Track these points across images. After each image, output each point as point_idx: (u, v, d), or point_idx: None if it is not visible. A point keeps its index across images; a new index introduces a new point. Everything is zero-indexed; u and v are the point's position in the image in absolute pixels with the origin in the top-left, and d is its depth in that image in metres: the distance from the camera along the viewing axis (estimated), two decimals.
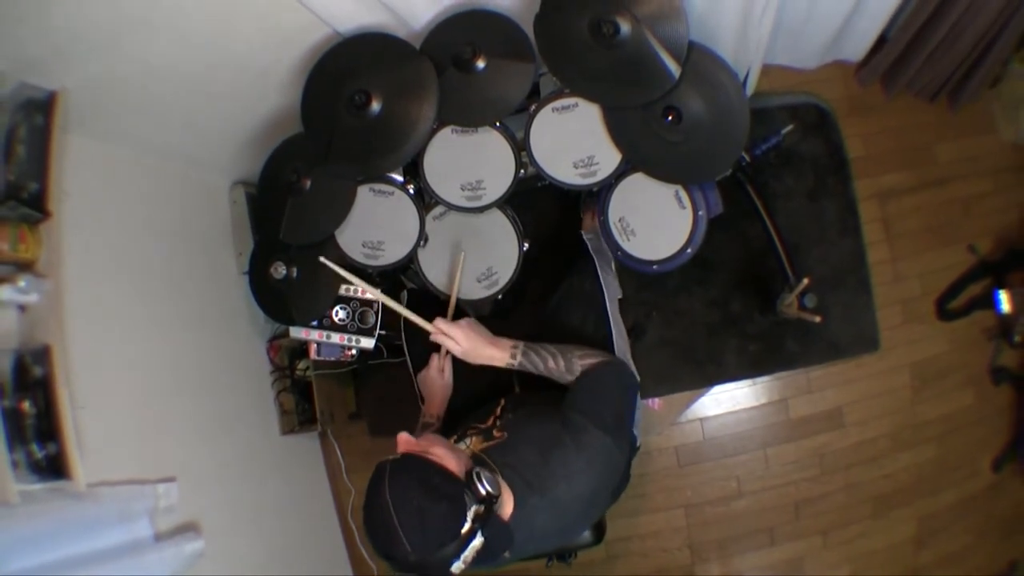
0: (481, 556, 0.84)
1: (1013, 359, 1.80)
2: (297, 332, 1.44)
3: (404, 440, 0.90)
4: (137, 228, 1.36)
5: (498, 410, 1.13)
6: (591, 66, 1.22)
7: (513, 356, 1.10)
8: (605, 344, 1.25)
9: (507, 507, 0.91)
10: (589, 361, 1.08)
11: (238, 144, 1.54)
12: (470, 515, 0.82)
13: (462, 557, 0.81)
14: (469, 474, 0.86)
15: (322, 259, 1.20)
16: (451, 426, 1.19)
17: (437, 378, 1.28)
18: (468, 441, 1.05)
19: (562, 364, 1.08)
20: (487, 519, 0.84)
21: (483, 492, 0.84)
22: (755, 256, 1.75)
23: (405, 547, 0.78)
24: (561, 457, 0.94)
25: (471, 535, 0.82)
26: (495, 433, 1.03)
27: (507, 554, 0.93)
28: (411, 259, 1.40)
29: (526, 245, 1.38)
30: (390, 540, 0.79)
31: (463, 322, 1.12)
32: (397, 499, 0.80)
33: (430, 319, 1.20)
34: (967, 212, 1.82)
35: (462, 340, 1.10)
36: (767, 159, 1.67)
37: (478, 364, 1.13)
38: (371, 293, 1.22)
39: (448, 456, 0.87)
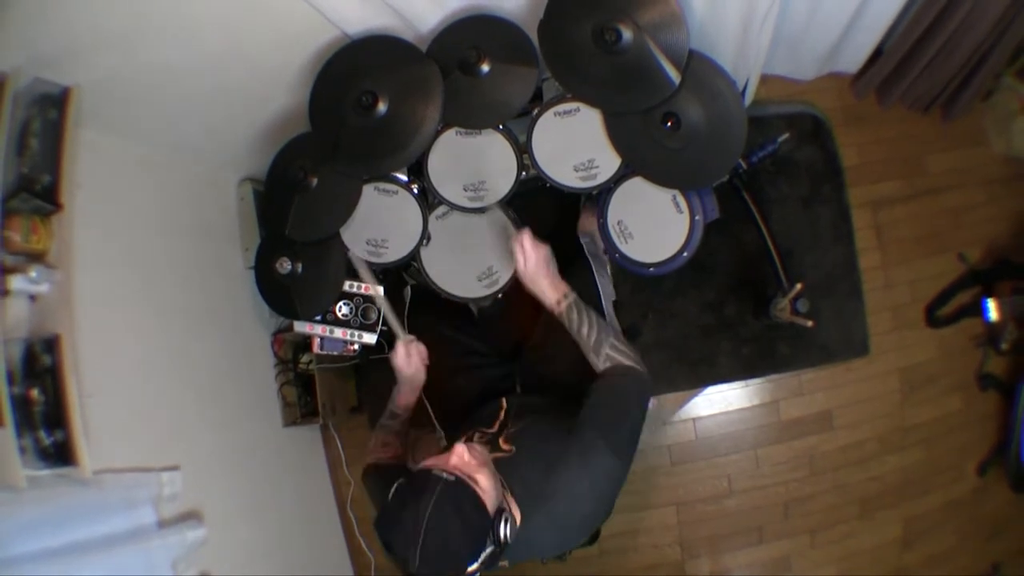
0: None
1: (1000, 366, 1.83)
2: (301, 326, 1.46)
3: (459, 455, 0.88)
4: (146, 222, 1.38)
5: (501, 413, 1.13)
6: (593, 72, 1.24)
7: (559, 303, 1.10)
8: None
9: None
10: (618, 358, 1.04)
11: (247, 141, 1.56)
12: (482, 557, 0.84)
13: None
14: (498, 514, 0.86)
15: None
16: (453, 427, 1.20)
17: (403, 366, 1.24)
18: None
19: (593, 339, 1.06)
20: (491, 563, 0.86)
21: (502, 537, 0.85)
22: (750, 261, 1.78)
23: (414, 560, 0.80)
24: (565, 477, 0.94)
25: (472, 574, 0.84)
26: (502, 444, 1.03)
27: (505, 563, 0.95)
28: (414, 257, 1.43)
29: None
30: (403, 547, 0.81)
31: (544, 249, 1.12)
32: (432, 522, 0.80)
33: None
34: (958, 222, 1.85)
35: (531, 263, 1.10)
36: (763, 166, 1.69)
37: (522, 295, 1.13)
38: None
39: (490, 490, 0.87)
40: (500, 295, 1.41)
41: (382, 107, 1.29)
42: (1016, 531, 1.85)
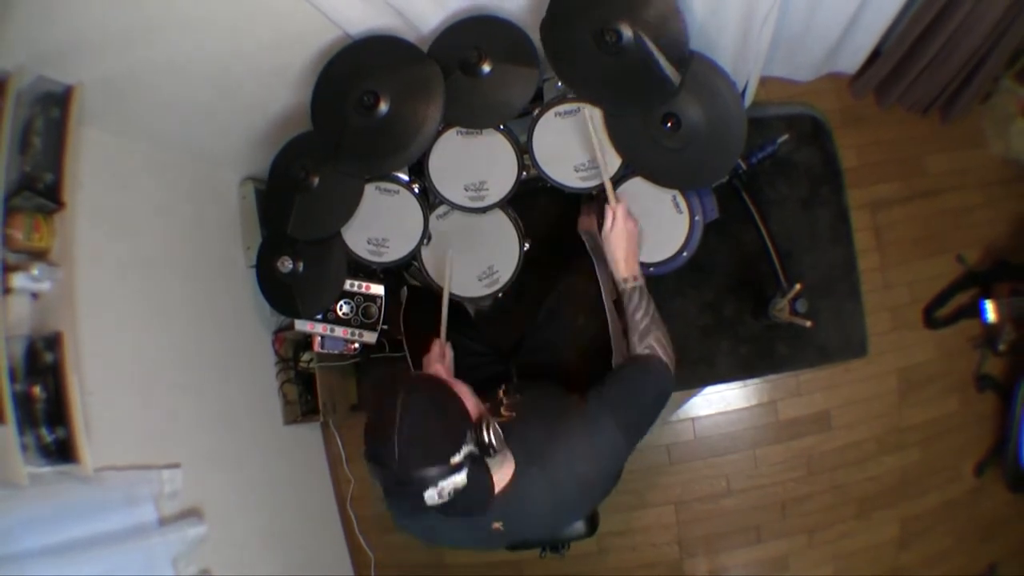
0: (458, 506, 0.83)
1: (997, 367, 1.84)
2: (302, 325, 1.47)
3: (436, 371, 0.94)
4: (148, 220, 1.38)
5: (500, 392, 1.13)
6: (593, 72, 1.25)
7: (625, 280, 1.14)
8: (602, 342, 1.27)
9: (507, 472, 0.92)
10: (658, 350, 1.07)
11: (249, 140, 1.57)
12: (464, 451, 0.83)
13: (439, 487, 0.81)
14: (480, 420, 0.87)
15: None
16: None
17: (439, 364, 1.25)
18: None
19: (643, 325, 1.09)
20: (477, 466, 0.85)
21: (485, 440, 0.85)
22: (749, 261, 1.79)
23: (394, 456, 0.79)
24: (566, 439, 0.94)
25: (457, 469, 0.82)
26: (503, 412, 1.04)
27: (499, 525, 0.94)
28: (414, 256, 1.43)
29: (527, 245, 1.42)
30: (383, 444, 0.80)
31: (633, 227, 1.18)
32: (408, 409, 0.81)
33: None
34: (956, 223, 1.86)
35: (617, 229, 1.16)
36: (763, 167, 1.70)
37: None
38: None
39: (469, 398, 0.90)
40: (500, 295, 1.42)
41: (383, 107, 1.29)
42: (1013, 531, 1.86)
